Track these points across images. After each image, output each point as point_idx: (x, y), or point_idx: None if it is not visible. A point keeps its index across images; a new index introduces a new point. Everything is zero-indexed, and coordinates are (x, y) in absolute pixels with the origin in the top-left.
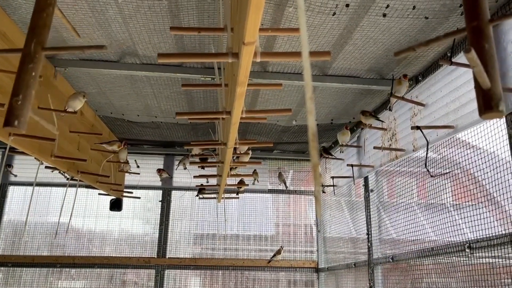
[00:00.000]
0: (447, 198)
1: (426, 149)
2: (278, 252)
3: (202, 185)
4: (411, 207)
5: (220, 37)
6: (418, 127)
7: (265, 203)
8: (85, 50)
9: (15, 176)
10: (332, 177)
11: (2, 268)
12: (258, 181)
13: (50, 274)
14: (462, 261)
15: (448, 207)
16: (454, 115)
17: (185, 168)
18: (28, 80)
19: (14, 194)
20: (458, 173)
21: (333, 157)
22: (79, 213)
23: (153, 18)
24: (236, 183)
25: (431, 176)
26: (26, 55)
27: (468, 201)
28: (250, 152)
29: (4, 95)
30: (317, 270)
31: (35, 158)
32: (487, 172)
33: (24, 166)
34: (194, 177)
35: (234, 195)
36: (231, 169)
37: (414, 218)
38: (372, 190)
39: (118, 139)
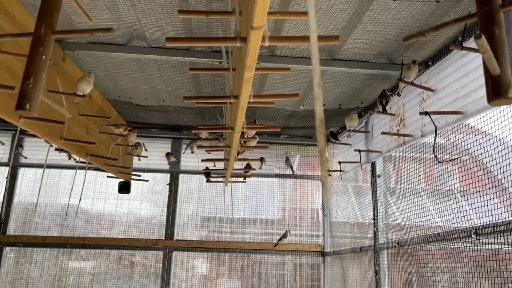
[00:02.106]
0: (454, 184)
1: (434, 135)
2: (284, 235)
3: (207, 168)
4: (418, 193)
5: (228, 21)
6: (426, 113)
7: (272, 188)
8: (93, 32)
9: (25, 158)
10: (339, 162)
11: (13, 248)
12: (265, 163)
13: (60, 254)
14: (468, 247)
15: (455, 193)
16: (463, 101)
17: (192, 152)
18: (39, 64)
19: (24, 176)
20: (466, 159)
21: (340, 142)
22: (88, 195)
23: (161, 1)
24: (243, 167)
25: (439, 162)
26: (36, 39)
27: (475, 187)
28: (257, 136)
29: (14, 78)
30: (323, 254)
31: (45, 140)
32: (495, 159)
33: (34, 149)
34: (202, 161)
35: (241, 179)
36: (238, 153)
37: (420, 204)
38: (379, 176)
39: (126, 124)
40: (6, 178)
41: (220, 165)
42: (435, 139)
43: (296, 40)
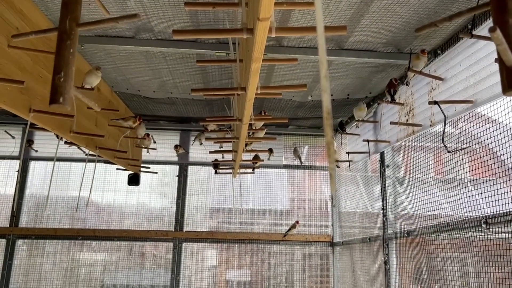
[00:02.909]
0: (464, 173)
1: (443, 125)
2: (293, 226)
3: (216, 160)
4: (428, 182)
5: (235, 12)
6: (435, 102)
7: (280, 178)
8: (119, 20)
9: (36, 151)
10: (348, 153)
11: (26, 240)
12: (273, 154)
13: (72, 246)
14: (478, 236)
15: (465, 182)
16: (473, 89)
17: (201, 144)
18: (67, 57)
19: (35, 168)
20: (476, 148)
21: (348, 133)
22: (98, 188)
23: None
24: (251, 158)
25: (448, 151)
26: (62, 33)
27: (486, 176)
28: (265, 128)
29: (23, 72)
30: (332, 244)
31: (54, 134)
32: (506, 147)
33: (44, 142)
34: (210, 152)
35: (249, 170)
36: (246, 144)
37: (430, 193)
38: (388, 166)
39: (134, 115)
40: (18, 171)
41: (229, 156)
42: (444, 129)
43: (303, 30)
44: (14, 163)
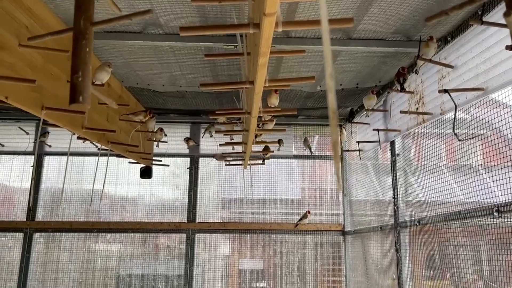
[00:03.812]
0: (477, 160)
1: (454, 113)
2: (305, 216)
3: (223, 153)
4: (440, 170)
5: (242, 6)
6: (445, 91)
7: (291, 168)
8: (132, 17)
9: (50, 146)
10: (358, 142)
11: (43, 233)
12: (283, 145)
13: (87, 238)
14: (491, 224)
15: (478, 169)
16: (484, 76)
17: (211, 136)
18: (84, 56)
19: (49, 163)
20: (489, 135)
21: (359, 122)
22: (111, 181)
23: None
24: (261, 149)
25: (459, 140)
26: (78, 33)
27: (500, 163)
28: (274, 119)
29: (34, 71)
30: (343, 233)
31: (67, 130)
32: None
33: (58, 137)
34: (220, 145)
35: (259, 161)
36: (256, 136)
37: (442, 181)
38: (398, 155)
39: (145, 109)
40: (33, 166)
41: (239, 148)
42: (454, 118)
43: (309, 24)
44: (29, 158)
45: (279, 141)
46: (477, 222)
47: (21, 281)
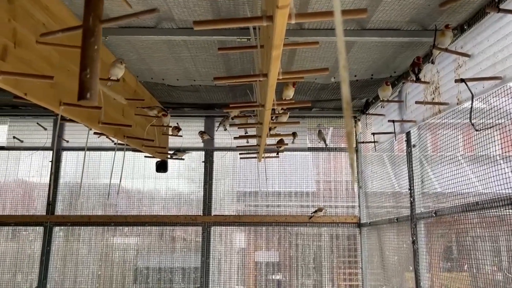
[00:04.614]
0: (495, 150)
1: (471, 102)
2: (320, 209)
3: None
4: (457, 160)
5: None
6: (462, 80)
7: (305, 161)
8: (139, 16)
9: (67, 141)
10: (373, 133)
11: (62, 227)
12: (297, 137)
13: (105, 231)
14: (509, 214)
15: (496, 159)
16: (501, 65)
17: (225, 129)
18: (92, 54)
19: (67, 159)
20: (507, 124)
21: (374, 113)
22: (128, 175)
23: None
24: (276, 142)
25: (476, 130)
26: (86, 30)
27: None
28: (288, 112)
29: (52, 67)
30: (359, 225)
31: (84, 125)
32: None
33: (75, 133)
34: (235, 138)
35: (274, 154)
36: (270, 129)
37: (459, 172)
38: (414, 146)
39: (161, 106)
40: (51, 161)
41: (253, 141)
42: (471, 108)
43: (322, 15)
44: (47, 154)
45: (293, 134)
46: (495, 212)
47: (42, 273)
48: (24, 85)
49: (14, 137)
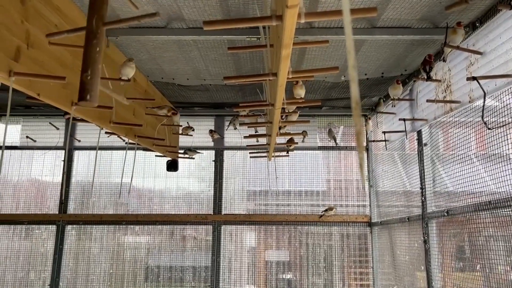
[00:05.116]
0: (508, 148)
1: (483, 100)
2: (330, 208)
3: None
4: (469, 159)
5: None
6: (474, 78)
7: (316, 160)
8: (140, 19)
9: (79, 141)
10: (384, 132)
11: (74, 226)
12: (307, 136)
13: (117, 230)
14: None
15: (510, 158)
16: None
17: (235, 128)
18: (94, 56)
19: (79, 158)
20: None
21: (385, 112)
22: (138, 174)
23: None
24: (286, 141)
25: (489, 128)
26: (89, 32)
27: None
28: (298, 111)
29: (64, 68)
30: (370, 224)
31: (96, 124)
32: None
33: (86, 132)
34: (245, 137)
35: (284, 153)
36: (280, 128)
37: (471, 171)
38: (425, 144)
39: (170, 106)
40: (64, 161)
41: (263, 140)
42: (483, 106)
43: (332, 14)
44: (59, 153)
45: (303, 133)
46: (509, 212)
47: (54, 271)
48: (37, 86)
49: (27, 137)
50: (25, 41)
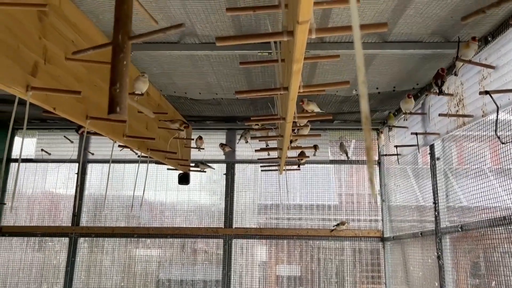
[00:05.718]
0: None
1: (496, 114)
2: (342, 223)
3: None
4: (483, 174)
5: (275, 14)
6: (487, 92)
7: (327, 174)
8: (166, 31)
9: (92, 154)
10: (396, 146)
11: (87, 238)
12: (318, 150)
13: (128, 243)
14: None
15: None
16: None
17: (246, 142)
18: (121, 69)
19: (92, 171)
20: None
21: (397, 126)
22: (150, 187)
23: None
24: (297, 155)
25: (502, 143)
26: (116, 46)
27: None
28: (309, 124)
29: (80, 83)
30: (382, 239)
31: (109, 138)
32: None
33: (100, 145)
34: (256, 151)
35: (295, 167)
36: (291, 141)
37: (486, 185)
38: (438, 158)
39: (182, 120)
40: (77, 174)
41: (275, 154)
42: (496, 120)
43: (342, 30)
44: (73, 166)
45: (315, 147)
46: None
47: (66, 284)
48: (53, 100)
49: (42, 150)
50: (42, 56)
